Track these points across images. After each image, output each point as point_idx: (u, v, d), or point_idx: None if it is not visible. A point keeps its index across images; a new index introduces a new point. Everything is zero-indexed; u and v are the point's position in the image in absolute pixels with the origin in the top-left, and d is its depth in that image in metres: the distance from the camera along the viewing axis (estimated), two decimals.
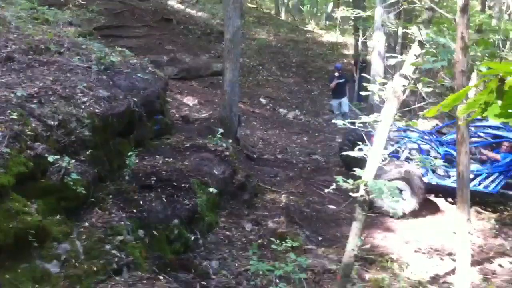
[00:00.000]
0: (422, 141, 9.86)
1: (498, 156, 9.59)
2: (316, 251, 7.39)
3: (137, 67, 8.66)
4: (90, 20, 15.12)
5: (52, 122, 5.58)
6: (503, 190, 9.58)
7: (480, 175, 9.44)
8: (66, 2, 14.46)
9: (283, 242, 6.43)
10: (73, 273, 4.60)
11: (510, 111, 2.17)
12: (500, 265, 7.89)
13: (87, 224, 5.30)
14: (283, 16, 30.55)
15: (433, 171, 9.55)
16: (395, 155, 9.55)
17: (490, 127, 10.38)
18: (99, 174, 6.09)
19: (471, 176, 9.14)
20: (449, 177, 9.41)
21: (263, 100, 16.33)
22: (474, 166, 9.53)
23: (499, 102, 2.18)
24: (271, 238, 6.84)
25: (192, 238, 6.60)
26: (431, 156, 9.32)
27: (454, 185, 9.07)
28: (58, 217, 5.00)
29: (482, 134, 10.44)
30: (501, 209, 9.86)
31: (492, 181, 9.41)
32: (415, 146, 9.91)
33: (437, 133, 11.02)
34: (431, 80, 6.26)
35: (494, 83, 2.19)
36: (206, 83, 15.82)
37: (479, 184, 9.39)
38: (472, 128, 10.26)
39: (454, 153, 9.36)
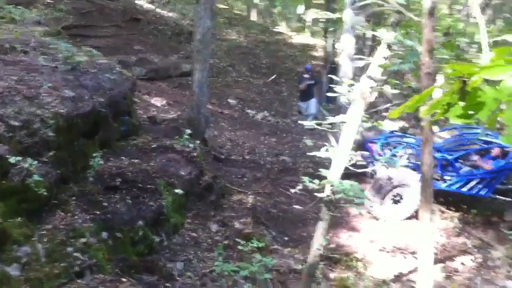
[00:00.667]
0: (419, 147, 9.93)
1: (488, 166, 9.85)
2: (282, 251, 7.41)
3: (105, 67, 8.56)
4: (57, 19, 14.90)
5: (15, 123, 5.47)
6: (492, 195, 9.84)
7: (472, 179, 9.64)
8: (33, 1, 14.24)
9: (249, 242, 6.43)
10: (34, 276, 4.51)
11: (471, 112, 2.20)
12: (462, 263, 8.06)
13: (49, 226, 5.21)
14: (254, 17, 30.58)
15: None
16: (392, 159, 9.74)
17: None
18: (63, 175, 5.99)
19: (464, 181, 9.56)
20: (444, 181, 9.56)
21: (232, 101, 16.31)
22: (467, 170, 9.83)
23: (461, 103, 2.22)
24: (237, 239, 6.84)
25: (157, 239, 6.54)
26: None
27: (448, 188, 9.44)
28: (19, 219, 4.90)
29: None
30: (465, 209, 10.04)
31: (484, 186, 9.63)
32: (411, 151, 10.06)
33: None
34: (398, 82, 6.35)
35: (457, 84, 2.22)
36: (175, 84, 15.71)
37: (472, 188, 9.61)
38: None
39: (450, 157, 9.59)
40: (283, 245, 7.74)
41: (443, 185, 9.64)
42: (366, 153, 10.06)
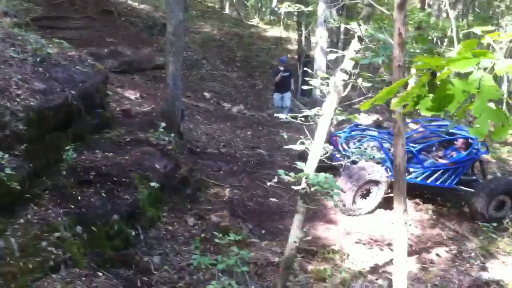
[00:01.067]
0: (383, 140, 9.99)
1: (445, 161, 10.05)
2: (259, 244, 7.42)
3: (76, 59, 8.42)
4: (27, 10, 14.64)
5: None
6: (456, 186, 10.00)
7: (437, 171, 9.75)
8: None
9: (226, 235, 6.42)
10: (7, 271, 4.45)
11: (441, 104, 2.23)
12: (437, 255, 8.16)
13: (22, 220, 5.13)
14: (227, 10, 30.48)
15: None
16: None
17: (442, 125, 10.88)
18: (35, 169, 5.90)
19: (428, 172, 9.66)
20: (409, 173, 9.61)
21: (207, 94, 16.26)
22: (430, 162, 9.93)
23: (431, 96, 2.24)
24: (214, 232, 6.82)
25: (133, 233, 6.49)
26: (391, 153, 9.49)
27: (413, 180, 9.44)
28: None
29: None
30: (438, 201, 10.19)
31: (449, 177, 9.79)
32: (375, 144, 10.01)
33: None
34: (371, 75, 6.39)
35: (426, 76, 2.24)
36: (148, 77, 15.58)
37: (437, 180, 9.72)
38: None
39: (413, 149, 9.64)
40: (260, 238, 7.75)
41: (407, 177, 9.65)
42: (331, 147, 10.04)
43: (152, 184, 7.30)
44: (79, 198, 5.97)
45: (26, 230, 4.99)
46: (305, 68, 14.28)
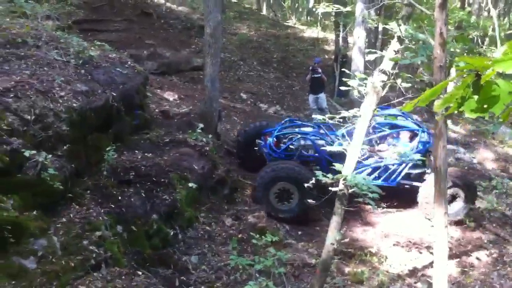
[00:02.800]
0: (316, 137, 9.42)
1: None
2: (296, 246, 7.42)
3: (116, 61, 8.57)
4: (68, 13, 14.95)
5: (29, 117, 5.50)
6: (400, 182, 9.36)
7: (378, 168, 9.23)
8: None
9: (263, 236, 6.43)
10: (50, 269, 4.54)
11: (486, 106, 2.18)
12: (477, 258, 8.01)
13: (64, 219, 5.24)
14: (264, 11, 30.52)
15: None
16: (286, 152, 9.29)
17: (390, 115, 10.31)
18: (77, 169, 6.03)
19: (369, 170, 9.10)
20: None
21: (243, 95, 16.29)
22: (373, 160, 9.39)
23: (475, 97, 2.20)
24: (251, 233, 6.85)
25: (172, 233, 6.58)
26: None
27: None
28: (34, 212, 4.94)
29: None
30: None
31: (391, 174, 9.24)
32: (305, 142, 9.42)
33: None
34: (410, 75, 6.30)
35: (470, 78, 2.20)
36: (186, 78, 15.71)
37: (379, 177, 9.18)
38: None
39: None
40: (296, 239, 7.74)
41: None
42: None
43: (190, 184, 7.37)
44: (120, 197, 6.07)
45: (68, 229, 5.09)
46: (342, 69, 14.19)
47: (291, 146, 9.25)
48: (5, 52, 6.70)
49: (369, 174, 9.04)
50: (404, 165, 9.24)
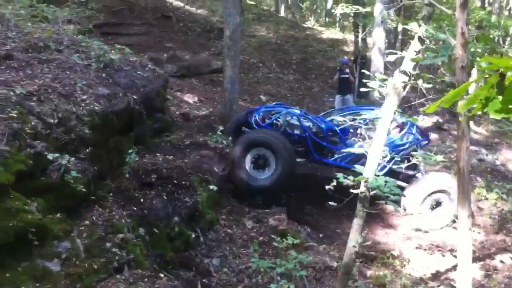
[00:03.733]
0: (304, 118, 9.20)
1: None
2: (317, 248, 7.39)
3: (137, 64, 8.64)
4: (89, 17, 15.08)
5: (52, 120, 5.56)
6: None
7: (361, 156, 8.53)
8: (65, 0, 14.42)
9: (284, 239, 6.43)
10: (74, 271, 4.58)
11: (510, 106, 2.16)
12: (501, 261, 7.90)
13: (87, 222, 5.29)
14: (282, 13, 30.50)
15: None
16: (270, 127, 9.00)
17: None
18: (99, 172, 6.08)
19: (354, 156, 8.69)
20: (332, 155, 9.04)
21: (263, 97, 16.28)
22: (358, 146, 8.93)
23: (500, 98, 2.17)
24: (272, 235, 6.85)
25: (193, 235, 6.60)
26: (312, 130, 8.97)
27: (336, 162, 8.82)
28: (58, 215, 4.98)
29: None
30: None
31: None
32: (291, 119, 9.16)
33: None
34: (432, 76, 6.25)
35: (494, 78, 2.17)
36: (206, 81, 15.77)
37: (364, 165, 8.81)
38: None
39: (337, 129, 8.94)
40: (318, 242, 7.72)
41: (330, 159, 8.99)
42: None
43: (211, 187, 7.40)
44: (142, 200, 6.11)
45: (91, 232, 5.14)
46: (362, 70, 14.10)
47: (276, 122, 9.04)
48: (27, 56, 6.78)
49: (354, 161, 8.62)
50: (387, 158, 8.55)
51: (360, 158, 8.59)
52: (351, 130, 9.39)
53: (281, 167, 8.27)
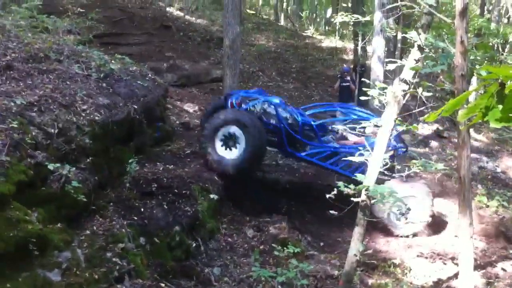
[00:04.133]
0: (282, 108, 9.03)
1: (353, 141, 9.07)
2: (318, 257, 7.36)
3: (137, 74, 8.67)
4: (89, 27, 15.14)
5: (52, 130, 5.58)
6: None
7: (337, 154, 8.73)
8: (65, 10, 14.46)
9: (285, 248, 6.42)
10: (74, 281, 4.57)
11: (511, 115, 2.16)
12: (503, 269, 7.87)
13: (88, 232, 5.29)
14: (282, 22, 30.60)
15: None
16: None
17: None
18: (100, 181, 6.10)
19: (327, 153, 8.68)
20: (304, 150, 8.85)
21: None
22: (331, 144, 9.06)
23: (500, 107, 2.18)
24: (273, 244, 6.83)
25: (194, 245, 6.59)
26: (288, 122, 8.82)
27: (307, 157, 8.70)
28: (59, 225, 4.99)
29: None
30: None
31: (350, 164, 8.45)
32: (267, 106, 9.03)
33: None
34: (431, 84, 6.26)
35: (494, 87, 2.18)
36: (206, 90, 15.79)
37: (335, 164, 8.70)
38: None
39: (313, 124, 8.81)
40: (318, 251, 7.69)
41: (302, 153, 8.79)
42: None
43: (212, 196, 7.39)
44: (142, 209, 6.11)
45: (91, 241, 5.13)
46: (362, 78, 14.12)
47: (252, 108, 8.85)
48: (27, 66, 6.81)
49: (327, 158, 8.73)
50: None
51: (333, 156, 8.69)
52: (332, 128, 9.41)
53: (251, 146, 8.06)
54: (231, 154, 8.15)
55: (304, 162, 9.31)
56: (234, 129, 8.13)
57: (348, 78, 14.41)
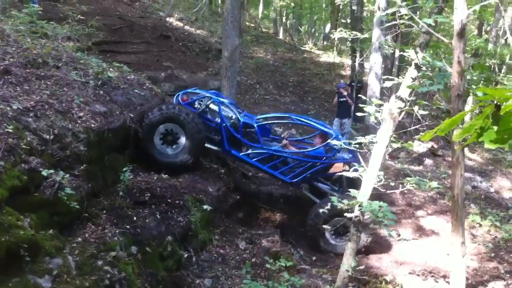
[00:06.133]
0: (228, 108, 9.07)
1: (292, 148, 9.08)
2: (309, 271, 7.36)
3: (135, 83, 8.69)
4: (89, 35, 15.15)
5: (48, 136, 5.57)
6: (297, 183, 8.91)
7: (277, 157, 8.76)
8: (65, 17, 14.48)
9: (276, 261, 6.40)
10: None
11: (506, 136, 2.18)
12: None
13: (80, 239, 5.26)
14: (281, 35, 30.77)
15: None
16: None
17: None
18: (93, 189, 6.07)
19: (266, 155, 8.69)
20: (244, 149, 8.88)
21: None
22: (274, 145, 9.12)
23: (495, 128, 2.19)
24: (265, 257, 6.82)
25: (185, 255, 6.56)
26: (232, 121, 8.85)
27: (246, 158, 8.72)
28: (51, 231, 4.96)
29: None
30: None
31: (292, 169, 8.80)
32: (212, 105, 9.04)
33: None
34: (427, 103, 6.29)
35: (490, 108, 2.20)
36: None
37: (276, 168, 8.75)
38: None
39: (255, 124, 8.83)
40: (310, 265, 7.69)
41: (241, 153, 8.79)
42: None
43: (205, 207, 7.38)
44: (135, 218, 6.08)
45: (83, 249, 5.10)
46: (358, 94, 14.17)
47: (196, 105, 8.89)
48: (25, 72, 6.80)
49: (266, 161, 8.72)
50: (308, 166, 8.73)
51: (272, 160, 8.72)
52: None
53: (190, 142, 8.16)
54: (172, 150, 8.22)
55: (243, 163, 9.21)
56: (172, 126, 8.20)
57: (345, 93, 14.48)
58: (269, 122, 9.52)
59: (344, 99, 14.45)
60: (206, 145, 8.64)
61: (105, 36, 16.55)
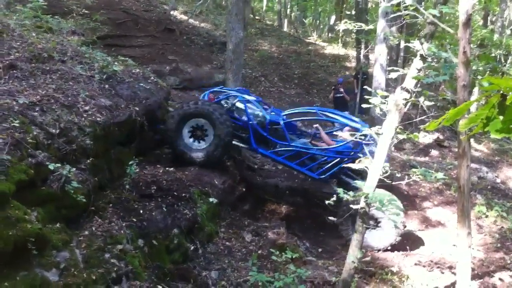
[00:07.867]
0: (255, 107, 9.14)
1: (331, 142, 8.97)
2: (316, 263, 7.37)
3: (140, 76, 8.69)
4: (93, 29, 15.16)
5: (54, 130, 5.58)
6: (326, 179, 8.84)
7: (304, 154, 8.74)
8: (69, 11, 14.51)
9: (283, 253, 6.41)
10: (72, 281, 4.56)
11: (511, 126, 2.17)
12: (500, 279, 7.87)
13: (86, 232, 5.29)
14: (285, 28, 30.67)
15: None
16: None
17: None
18: (100, 182, 6.10)
19: (293, 152, 8.66)
20: (274, 147, 8.89)
21: None
22: (302, 141, 9.09)
23: (501, 117, 2.18)
24: (271, 249, 6.82)
25: (192, 248, 6.59)
26: (258, 119, 8.91)
27: (272, 156, 8.75)
28: (58, 225, 4.99)
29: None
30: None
31: (320, 165, 8.75)
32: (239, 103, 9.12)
33: None
34: (433, 93, 6.26)
35: (495, 98, 2.19)
36: None
37: (304, 165, 8.75)
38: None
39: (282, 121, 8.85)
40: (316, 257, 7.71)
41: (268, 151, 8.85)
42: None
43: (211, 199, 7.41)
44: (141, 211, 6.11)
45: (90, 242, 5.13)
46: (363, 86, 14.15)
47: (223, 103, 9.01)
48: (31, 66, 6.81)
49: (293, 158, 8.73)
50: (335, 161, 8.68)
51: (300, 156, 8.70)
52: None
53: (216, 142, 8.31)
54: (200, 145, 8.44)
55: (271, 160, 9.27)
56: (200, 121, 8.43)
57: (342, 89, 14.50)
58: (295, 119, 9.48)
59: (341, 94, 14.47)
60: (234, 142, 8.81)
61: (110, 30, 16.55)
